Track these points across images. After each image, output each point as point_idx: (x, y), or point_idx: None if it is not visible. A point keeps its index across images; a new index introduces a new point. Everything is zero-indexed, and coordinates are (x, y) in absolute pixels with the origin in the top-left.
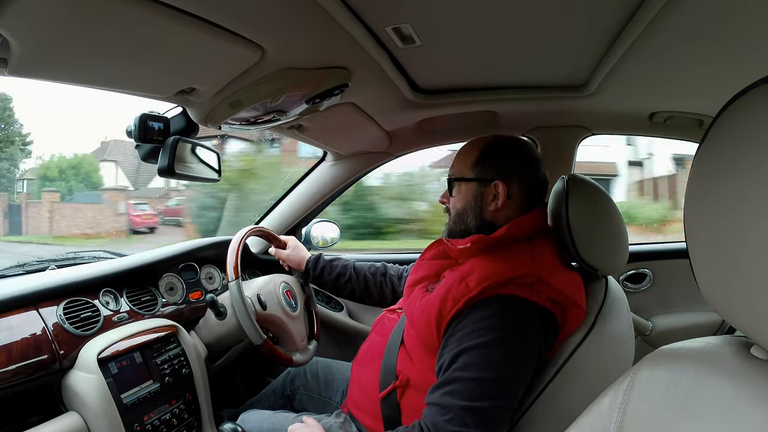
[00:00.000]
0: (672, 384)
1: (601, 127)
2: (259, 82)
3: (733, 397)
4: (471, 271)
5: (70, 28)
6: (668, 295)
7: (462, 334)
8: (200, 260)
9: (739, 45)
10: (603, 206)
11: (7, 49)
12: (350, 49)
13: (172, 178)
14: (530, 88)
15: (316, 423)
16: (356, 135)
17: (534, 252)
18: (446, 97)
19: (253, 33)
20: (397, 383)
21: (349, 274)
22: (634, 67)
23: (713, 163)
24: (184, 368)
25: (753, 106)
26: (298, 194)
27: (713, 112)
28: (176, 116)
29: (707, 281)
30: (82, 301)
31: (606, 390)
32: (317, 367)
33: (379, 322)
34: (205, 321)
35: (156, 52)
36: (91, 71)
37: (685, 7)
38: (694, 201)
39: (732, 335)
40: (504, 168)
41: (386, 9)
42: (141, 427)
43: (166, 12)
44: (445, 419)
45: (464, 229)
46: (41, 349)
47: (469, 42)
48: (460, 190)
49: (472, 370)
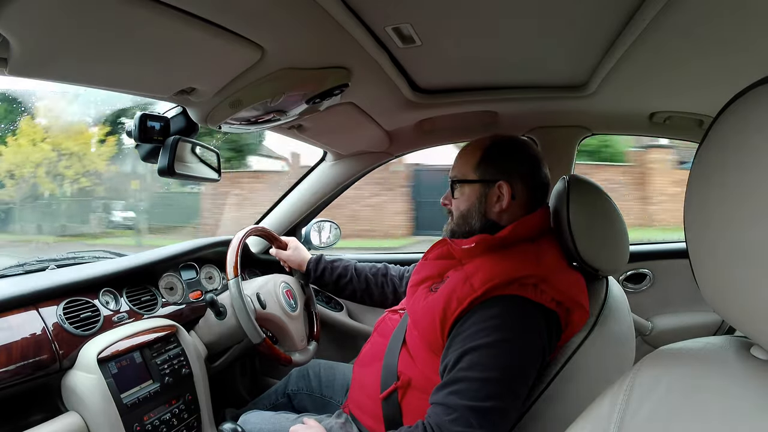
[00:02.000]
0: (672, 384)
1: (601, 127)
2: (259, 82)
3: (733, 397)
4: (475, 272)
5: (70, 28)
6: (668, 295)
7: (467, 334)
8: (200, 260)
9: (739, 45)
10: (603, 206)
11: (7, 49)
12: (350, 49)
13: (172, 178)
14: (530, 88)
15: (316, 424)
16: (356, 135)
17: (538, 252)
18: (446, 97)
19: (253, 33)
20: (398, 384)
21: (350, 274)
22: (634, 67)
23: (713, 163)
24: (184, 368)
25: (753, 106)
26: (298, 194)
27: (713, 112)
28: (176, 116)
29: (707, 281)
30: (81, 300)
31: (606, 390)
32: (319, 367)
33: (381, 323)
34: (205, 321)
35: (156, 52)
36: (91, 71)
37: (685, 7)
38: (694, 201)
39: (732, 335)
40: (507, 169)
41: (386, 9)
42: (141, 427)
43: (167, 12)
44: (449, 419)
45: (468, 231)
46: (41, 348)
47: (469, 42)
48: (464, 192)
49: (476, 370)
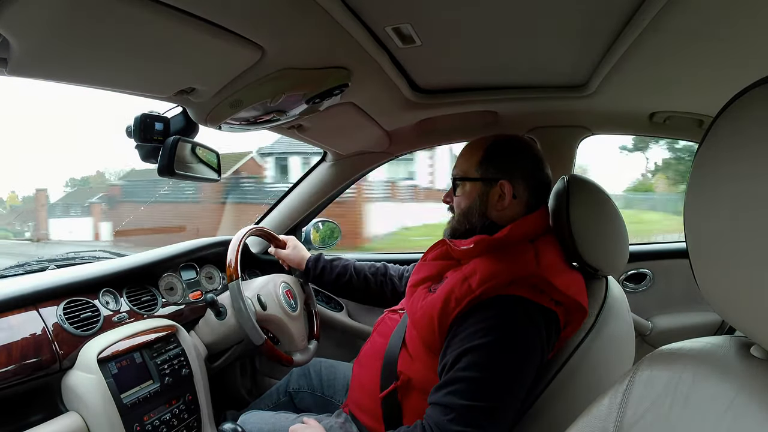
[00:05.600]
0: (672, 384)
1: (601, 127)
2: (259, 82)
3: (733, 397)
4: (474, 272)
5: (70, 28)
6: (668, 295)
7: (465, 334)
8: (200, 260)
9: (739, 45)
10: (603, 206)
11: (7, 49)
12: (350, 49)
13: (172, 178)
14: (530, 88)
15: (316, 423)
16: (356, 135)
17: (537, 252)
18: (446, 97)
19: (253, 33)
20: (398, 383)
21: (349, 274)
22: (634, 67)
23: (713, 163)
24: (184, 368)
25: (753, 106)
26: (298, 194)
27: (713, 112)
28: (176, 116)
29: (707, 281)
30: (82, 301)
31: (606, 390)
32: (321, 365)
33: (381, 323)
34: (205, 321)
35: (156, 52)
36: (91, 71)
37: (685, 7)
38: (694, 201)
39: (732, 335)
40: (509, 168)
41: (386, 9)
42: (141, 427)
43: (167, 12)
44: (447, 419)
45: (468, 229)
46: (41, 349)
47: (469, 42)
48: (465, 190)
49: (475, 370)
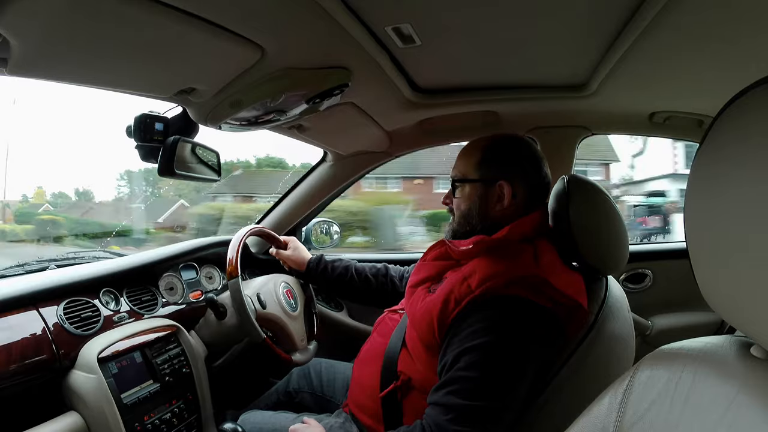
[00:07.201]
0: (672, 384)
1: (601, 127)
2: (259, 82)
3: (733, 396)
4: (473, 272)
5: (71, 28)
6: (668, 295)
7: (464, 334)
8: (200, 260)
9: (739, 45)
10: (603, 206)
11: (7, 48)
12: (350, 49)
13: (173, 178)
14: (530, 88)
15: (316, 423)
16: (356, 135)
17: (536, 252)
18: (446, 97)
19: (253, 33)
20: (398, 383)
21: (350, 274)
22: (634, 67)
23: (713, 163)
24: (185, 368)
25: (753, 106)
26: (298, 194)
27: (713, 112)
28: (176, 116)
29: (707, 281)
30: (82, 300)
31: (606, 390)
32: (321, 366)
33: (381, 323)
34: (205, 321)
35: (156, 52)
36: (91, 71)
37: (685, 7)
38: (694, 201)
39: (732, 335)
40: (508, 168)
41: (386, 9)
42: (141, 426)
43: (167, 12)
44: (446, 419)
45: (469, 230)
46: (41, 348)
47: (469, 42)
48: (464, 191)
49: (474, 370)
